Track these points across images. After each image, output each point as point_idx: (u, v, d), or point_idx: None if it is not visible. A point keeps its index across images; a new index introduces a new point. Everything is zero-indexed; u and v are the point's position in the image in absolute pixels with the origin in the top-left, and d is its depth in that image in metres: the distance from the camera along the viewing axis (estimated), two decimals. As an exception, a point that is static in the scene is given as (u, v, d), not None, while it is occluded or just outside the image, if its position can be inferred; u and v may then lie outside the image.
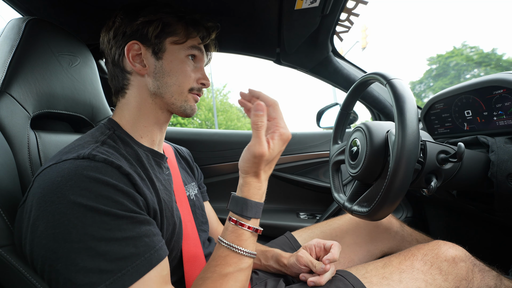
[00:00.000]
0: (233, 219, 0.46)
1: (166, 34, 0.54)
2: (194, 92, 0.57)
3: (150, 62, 0.53)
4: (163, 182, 0.53)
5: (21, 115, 0.50)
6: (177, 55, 0.54)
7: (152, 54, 0.53)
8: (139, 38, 0.52)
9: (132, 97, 0.54)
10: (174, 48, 0.54)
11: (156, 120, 0.56)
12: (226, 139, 1.27)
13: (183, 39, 0.54)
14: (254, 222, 0.47)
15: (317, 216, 1.23)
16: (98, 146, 0.43)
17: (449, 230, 1.04)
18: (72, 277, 0.33)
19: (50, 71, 0.57)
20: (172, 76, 0.54)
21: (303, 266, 0.59)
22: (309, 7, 0.76)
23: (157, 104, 0.55)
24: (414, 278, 0.54)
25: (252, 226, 0.46)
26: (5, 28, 0.55)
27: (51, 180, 0.37)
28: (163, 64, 0.53)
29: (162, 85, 0.53)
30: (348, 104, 0.77)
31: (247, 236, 0.46)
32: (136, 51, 0.53)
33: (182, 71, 0.54)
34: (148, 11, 0.53)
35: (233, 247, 0.44)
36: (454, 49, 14.68)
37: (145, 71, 0.53)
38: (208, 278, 0.43)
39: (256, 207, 0.47)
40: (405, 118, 0.47)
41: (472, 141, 0.70)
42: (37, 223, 0.35)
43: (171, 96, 0.54)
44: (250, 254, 0.45)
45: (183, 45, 0.55)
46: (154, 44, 0.53)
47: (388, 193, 0.48)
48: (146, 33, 0.52)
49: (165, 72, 0.53)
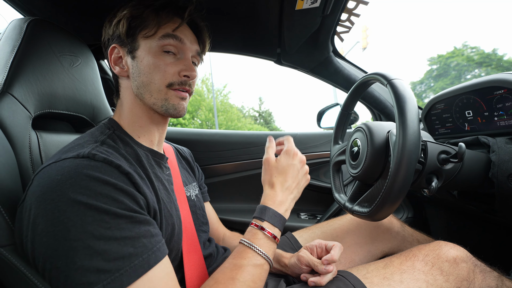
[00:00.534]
0: (252, 222, 0.51)
1: (136, 29, 0.51)
2: (175, 88, 0.52)
3: (128, 62, 0.52)
4: (163, 182, 0.53)
5: (23, 115, 0.50)
6: (150, 50, 0.51)
7: (128, 53, 0.52)
8: (117, 41, 0.52)
9: (124, 99, 0.55)
10: (146, 43, 0.51)
11: (151, 121, 0.55)
12: (227, 139, 1.27)
13: (153, 30, 0.50)
14: (270, 226, 0.50)
15: (317, 217, 1.23)
16: (97, 146, 0.43)
17: (450, 231, 1.04)
18: (71, 276, 0.33)
19: (51, 71, 0.57)
20: (147, 74, 0.50)
21: (305, 266, 0.59)
22: (310, 7, 0.76)
23: (144, 106, 0.53)
24: (415, 278, 0.53)
25: (265, 228, 0.50)
26: (7, 29, 0.56)
27: (51, 178, 0.37)
28: (138, 63, 0.51)
29: (140, 86, 0.51)
30: (348, 104, 0.77)
31: (261, 236, 0.49)
32: (117, 54, 0.53)
33: (155, 67, 0.50)
34: (121, 9, 0.52)
35: (247, 243, 0.48)
36: (455, 50, 14.67)
37: (125, 72, 0.53)
38: (226, 267, 0.46)
39: (274, 215, 0.51)
40: (406, 118, 0.47)
41: (473, 141, 0.69)
42: (37, 221, 0.35)
43: (151, 96, 0.51)
44: (264, 254, 0.48)
45: (154, 37, 0.51)
46: (128, 43, 0.51)
47: (389, 194, 0.48)
48: (119, 34, 0.51)
49: (140, 71, 0.51)
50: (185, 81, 0.53)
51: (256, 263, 0.46)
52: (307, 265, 0.58)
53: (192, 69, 0.53)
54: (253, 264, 0.46)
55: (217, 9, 0.79)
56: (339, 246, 0.58)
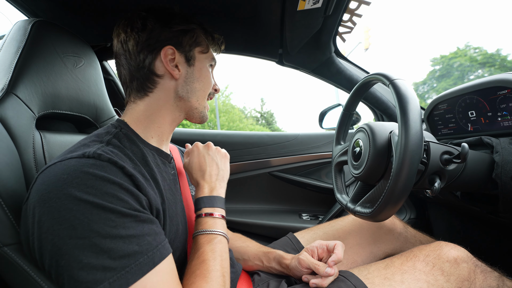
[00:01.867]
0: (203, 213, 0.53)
1: (196, 44, 0.58)
2: (210, 97, 0.63)
3: (183, 67, 0.56)
4: (168, 181, 0.54)
5: (27, 116, 0.51)
6: (204, 63, 0.59)
7: (185, 60, 0.56)
8: (174, 45, 0.54)
9: (156, 98, 0.55)
10: (201, 57, 0.59)
11: (171, 122, 0.58)
12: (229, 140, 1.27)
13: (207, 50, 0.60)
14: (207, 209, 0.54)
15: (319, 217, 1.23)
16: (103, 146, 0.43)
17: (453, 232, 1.03)
18: (76, 274, 0.33)
19: (55, 72, 0.58)
20: (200, 82, 0.58)
21: (305, 269, 0.59)
22: (312, 8, 0.76)
23: (178, 107, 0.57)
24: (416, 279, 0.53)
25: (213, 213, 0.53)
26: (11, 30, 0.56)
27: (56, 177, 0.37)
28: (194, 71, 0.58)
29: (190, 90, 0.57)
30: (350, 104, 0.76)
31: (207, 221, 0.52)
32: (171, 56, 0.54)
33: (207, 78, 0.60)
34: (180, 20, 0.56)
35: (198, 232, 0.51)
36: (458, 50, 14.59)
37: (178, 75, 0.55)
38: (194, 265, 0.47)
39: (208, 200, 0.55)
40: (408, 118, 0.47)
41: (476, 142, 0.69)
42: (43, 219, 0.35)
43: (196, 101, 0.58)
44: (215, 231, 0.51)
45: (207, 55, 0.60)
46: (186, 51, 0.56)
47: (391, 194, 0.47)
48: (182, 41, 0.55)
49: (195, 78, 0.58)
50: (214, 94, 0.64)
51: (217, 243, 0.48)
52: (308, 268, 0.58)
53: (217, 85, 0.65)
54: (213, 248, 0.47)
55: (219, 10, 0.79)
56: (341, 244, 0.58)
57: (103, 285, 0.33)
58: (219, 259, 0.46)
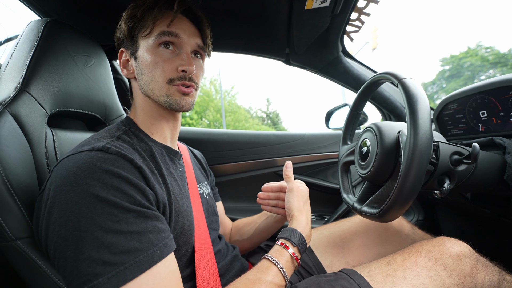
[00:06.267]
0: (281, 242, 0.53)
1: (135, 30, 0.52)
2: (176, 84, 0.52)
3: (133, 64, 0.55)
4: (176, 177, 0.54)
5: (39, 113, 0.52)
6: (147, 49, 0.52)
7: (131, 55, 0.55)
8: (123, 45, 0.56)
9: (136, 98, 0.58)
10: (144, 42, 0.52)
11: (161, 117, 0.57)
12: (235, 139, 1.28)
13: (149, 28, 0.51)
14: (296, 249, 0.53)
15: (325, 218, 1.22)
16: (113, 140, 0.44)
17: (463, 234, 1.01)
18: (78, 266, 0.34)
19: (66, 71, 0.59)
20: (147, 72, 0.52)
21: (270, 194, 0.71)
22: (319, 6, 0.76)
23: (152, 103, 0.56)
24: (418, 274, 0.53)
25: (292, 249, 0.52)
26: (25, 30, 0.58)
27: (67, 170, 0.38)
28: (139, 63, 0.53)
29: (143, 85, 0.54)
30: (358, 104, 0.76)
31: (287, 257, 0.51)
32: (124, 58, 0.56)
33: (154, 64, 0.51)
34: (122, 16, 0.55)
35: (273, 259, 0.49)
36: (469, 50, 14.26)
37: (132, 74, 0.56)
38: (248, 279, 0.46)
39: (300, 239, 0.54)
40: (418, 118, 0.46)
41: (488, 142, 0.68)
42: (52, 211, 0.36)
43: (153, 93, 0.53)
44: (285, 275, 0.49)
45: (150, 35, 0.51)
46: (130, 45, 0.54)
47: (399, 194, 0.47)
48: (121, 38, 0.55)
49: (142, 70, 0.53)
50: (184, 76, 0.52)
51: (277, 282, 0.47)
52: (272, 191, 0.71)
53: (189, 64, 0.52)
54: (274, 283, 0.46)
55: (226, 9, 0.80)
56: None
57: (102, 279, 0.33)
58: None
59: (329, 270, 0.72)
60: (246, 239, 0.76)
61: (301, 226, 0.56)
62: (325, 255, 0.74)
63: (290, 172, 0.66)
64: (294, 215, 0.59)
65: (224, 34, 0.97)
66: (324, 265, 0.72)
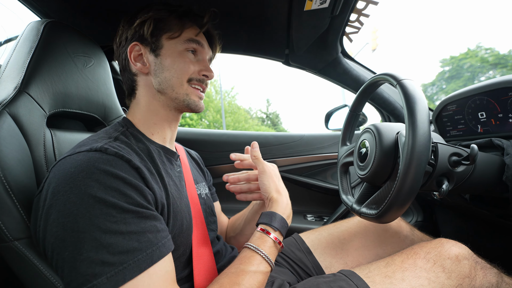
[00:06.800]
0: (261, 228, 0.52)
1: (161, 31, 0.56)
2: (194, 83, 0.57)
3: (150, 60, 0.56)
4: (173, 178, 0.54)
5: (38, 114, 0.52)
6: (174, 49, 0.56)
7: (151, 52, 0.56)
8: (138, 39, 0.56)
9: (141, 96, 0.58)
10: (171, 43, 0.56)
11: (165, 118, 0.58)
12: (234, 140, 1.28)
13: (177, 33, 0.56)
14: (277, 233, 0.52)
15: (324, 218, 1.22)
16: (111, 141, 0.45)
17: (461, 235, 1.01)
18: (76, 266, 0.34)
19: (66, 72, 0.59)
20: (170, 70, 0.55)
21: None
22: (319, 8, 0.76)
23: (163, 102, 0.57)
24: (417, 276, 0.53)
25: (273, 234, 0.51)
26: (24, 31, 0.58)
27: (65, 170, 0.38)
28: (161, 60, 0.55)
29: (162, 81, 0.55)
30: (357, 105, 0.76)
31: (269, 242, 0.50)
32: (137, 52, 0.56)
33: (180, 63, 0.56)
34: (142, 12, 0.56)
35: (254, 248, 0.49)
36: (469, 51, 14.28)
37: (146, 69, 0.56)
38: (231, 273, 0.45)
39: (281, 221, 0.54)
40: (416, 119, 0.46)
41: (486, 143, 0.68)
42: (50, 211, 0.36)
43: (172, 91, 0.55)
44: (270, 261, 0.48)
45: (179, 39, 0.56)
46: (151, 42, 0.55)
47: (398, 196, 0.47)
48: (143, 33, 0.55)
49: (164, 67, 0.55)
50: (203, 80, 0.59)
51: (262, 270, 0.47)
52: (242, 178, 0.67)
53: (210, 70, 0.59)
54: (259, 271, 0.46)
55: (225, 10, 0.80)
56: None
57: (101, 279, 0.33)
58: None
59: (328, 271, 0.72)
60: (239, 233, 0.75)
61: (281, 208, 0.56)
62: (323, 256, 0.74)
63: (258, 152, 0.63)
64: (273, 197, 0.58)
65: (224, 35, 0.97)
66: (322, 266, 0.72)
